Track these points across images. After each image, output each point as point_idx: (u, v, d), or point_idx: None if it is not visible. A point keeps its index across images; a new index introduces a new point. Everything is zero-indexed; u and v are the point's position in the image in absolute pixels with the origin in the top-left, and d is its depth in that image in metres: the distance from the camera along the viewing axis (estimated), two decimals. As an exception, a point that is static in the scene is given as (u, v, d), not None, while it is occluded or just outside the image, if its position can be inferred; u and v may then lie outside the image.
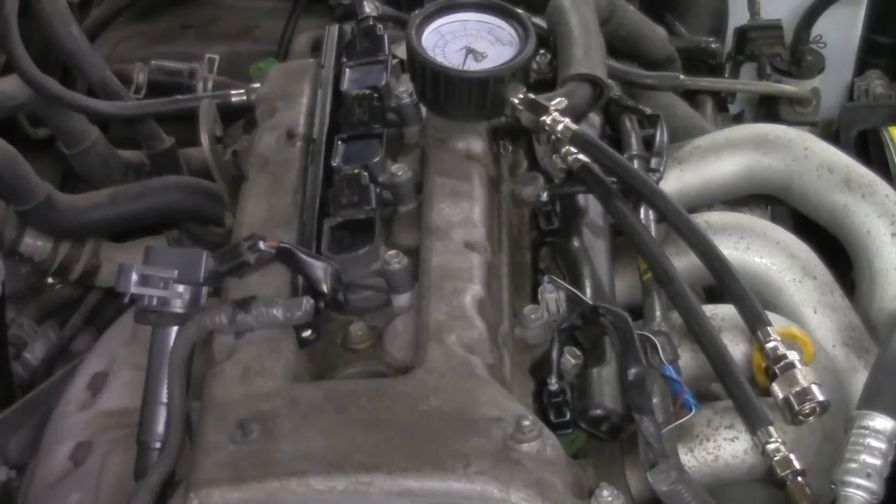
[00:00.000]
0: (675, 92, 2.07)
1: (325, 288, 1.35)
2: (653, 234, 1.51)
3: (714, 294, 1.67)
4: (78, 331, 2.23)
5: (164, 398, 1.32)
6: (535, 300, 1.45)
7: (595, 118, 1.74)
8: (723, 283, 1.41)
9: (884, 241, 1.64)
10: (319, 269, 1.35)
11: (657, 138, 1.72)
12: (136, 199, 1.98)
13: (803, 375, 1.32)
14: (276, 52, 2.43)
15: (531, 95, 1.48)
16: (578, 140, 1.46)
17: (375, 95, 1.58)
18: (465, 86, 1.48)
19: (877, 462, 1.25)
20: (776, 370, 1.34)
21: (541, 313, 1.40)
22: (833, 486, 1.26)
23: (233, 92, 1.76)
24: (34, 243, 2.00)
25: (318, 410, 1.24)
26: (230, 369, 1.30)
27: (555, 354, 1.35)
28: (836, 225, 1.69)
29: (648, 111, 1.77)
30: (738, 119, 2.44)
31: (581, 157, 1.47)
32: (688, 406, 1.34)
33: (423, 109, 1.58)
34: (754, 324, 1.38)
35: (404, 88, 1.57)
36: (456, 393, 1.24)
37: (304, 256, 1.35)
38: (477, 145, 1.53)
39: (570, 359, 1.36)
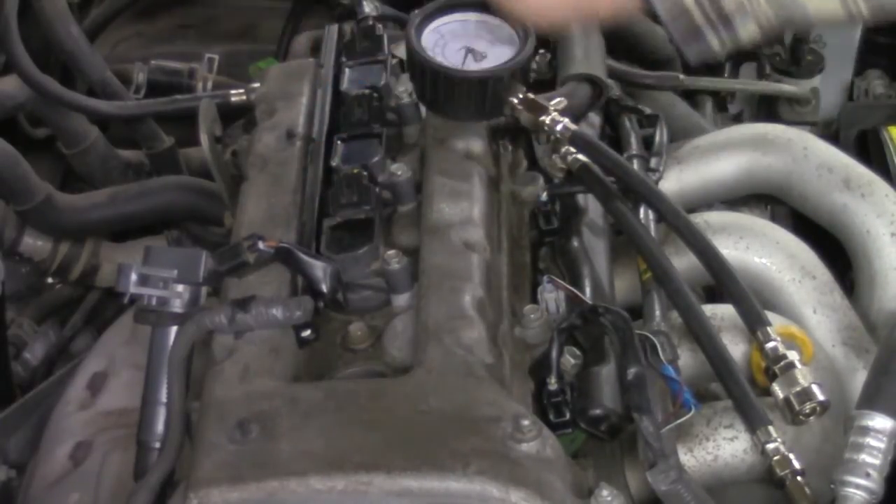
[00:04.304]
0: (675, 92, 2.07)
1: (324, 288, 1.35)
2: (652, 233, 1.51)
3: (714, 294, 1.67)
4: (78, 331, 2.23)
5: (164, 398, 1.32)
6: (534, 300, 1.45)
7: (594, 118, 1.74)
8: (721, 283, 1.42)
9: (883, 241, 1.64)
10: (319, 268, 1.35)
11: (656, 138, 1.73)
12: (135, 199, 1.98)
13: (803, 375, 1.32)
14: (276, 52, 2.43)
15: (531, 95, 1.48)
16: (577, 140, 1.46)
17: (375, 95, 1.59)
18: (464, 86, 1.48)
19: (876, 461, 1.25)
20: (776, 370, 1.34)
21: (540, 313, 1.40)
22: (832, 486, 1.26)
23: (232, 92, 1.76)
24: (34, 243, 2.00)
25: (317, 410, 1.24)
26: (230, 369, 1.30)
27: (554, 354, 1.35)
28: (835, 225, 1.69)
29: (648, 111, 1.77)
30: (737, 119, 2.44)
31: (580, 156, 1.47)
32: (687, 406, 1.34)
33: (423, 109, 1.58)
34: (753, 324, 1.38)
35: (404, 88, 1.57)
36: (455, 393, 1.24)
37: (303, 256, 1.35)
38: (476, 145, 1.53)
39: (570, 358, 1.35)
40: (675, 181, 1.76)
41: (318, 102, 1.63)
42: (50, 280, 2.17)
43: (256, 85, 1.71)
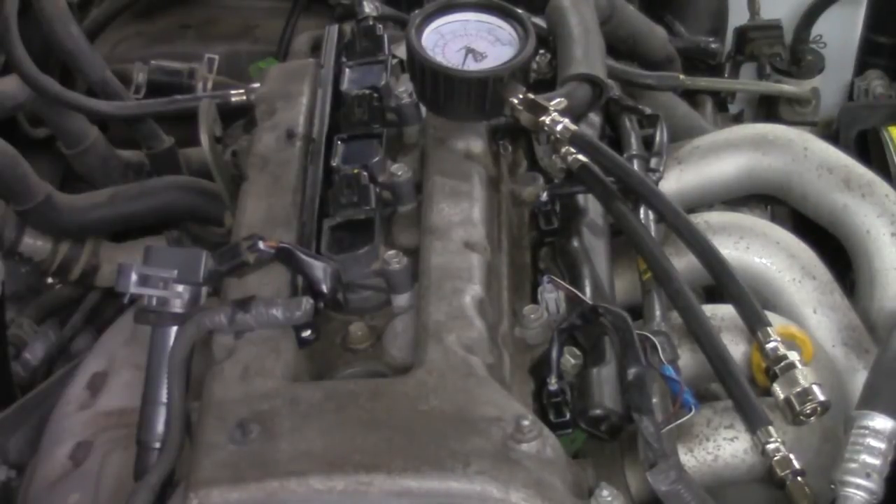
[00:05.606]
0: (675, 92, 2.07)
1: (324, 288, 1.35)
2: (652, 234, 1.51)
3: (714, 294, 1.67)
4: (78, 331, 2.23)
5: (164, 398, 1.32)
6: (534, 300, 1.45)
7: (595, 118, 1.74)
8: (721, 283, 1.42)
9: (883, 241, 1.64)
10: (319, 269, 1.35)
11: (657, 138, 1.72)
12: (135, 199, 1.98)
13: (804, 376, 1.32)
14: (276, 52, 2.43)
15: (531, 95, 1.48)
16: (577, 140, 1.46)
17: (375, 95, 1.59)
18: (464, 86, 1.48)
19: (876, 462, 1.25)
20: (776, 370, 1.34)
21: (540, 313, 1.40)
22: (833, 486, 1.26)
23: (232, 92, 1.76)
24: (34, 243, 2.00)
25: (317, 410, 1.24)
26: (230, 369, 1.30)
27: (554, 354, 1.35)
28: (835, 225, 1.69)
29: (648, 111, 1.77)
30: (737, 119, 2.45)
31: (581, 156, 1.47)
32: (687, 406, 1.34)
33: (423, 109, 1.58)
34: (754, 324, 1.38)
35: (404, 88, 1.58)
36: (455, 393, 1.24)
37: (303, 256, 1.35)
38: (477, 145, 1.53)
39: (570, 359, 1.36)
40: (675, 181, 1.76)
41: (318, 102, 1.63)
42: (50, 280, 2.17)
43: (256, 85, 1.72)
